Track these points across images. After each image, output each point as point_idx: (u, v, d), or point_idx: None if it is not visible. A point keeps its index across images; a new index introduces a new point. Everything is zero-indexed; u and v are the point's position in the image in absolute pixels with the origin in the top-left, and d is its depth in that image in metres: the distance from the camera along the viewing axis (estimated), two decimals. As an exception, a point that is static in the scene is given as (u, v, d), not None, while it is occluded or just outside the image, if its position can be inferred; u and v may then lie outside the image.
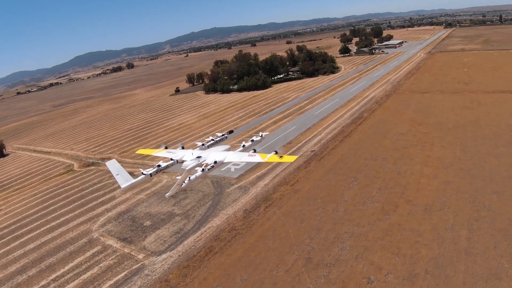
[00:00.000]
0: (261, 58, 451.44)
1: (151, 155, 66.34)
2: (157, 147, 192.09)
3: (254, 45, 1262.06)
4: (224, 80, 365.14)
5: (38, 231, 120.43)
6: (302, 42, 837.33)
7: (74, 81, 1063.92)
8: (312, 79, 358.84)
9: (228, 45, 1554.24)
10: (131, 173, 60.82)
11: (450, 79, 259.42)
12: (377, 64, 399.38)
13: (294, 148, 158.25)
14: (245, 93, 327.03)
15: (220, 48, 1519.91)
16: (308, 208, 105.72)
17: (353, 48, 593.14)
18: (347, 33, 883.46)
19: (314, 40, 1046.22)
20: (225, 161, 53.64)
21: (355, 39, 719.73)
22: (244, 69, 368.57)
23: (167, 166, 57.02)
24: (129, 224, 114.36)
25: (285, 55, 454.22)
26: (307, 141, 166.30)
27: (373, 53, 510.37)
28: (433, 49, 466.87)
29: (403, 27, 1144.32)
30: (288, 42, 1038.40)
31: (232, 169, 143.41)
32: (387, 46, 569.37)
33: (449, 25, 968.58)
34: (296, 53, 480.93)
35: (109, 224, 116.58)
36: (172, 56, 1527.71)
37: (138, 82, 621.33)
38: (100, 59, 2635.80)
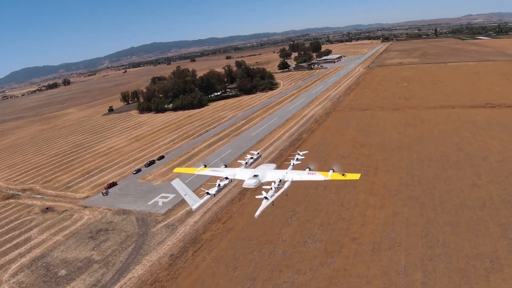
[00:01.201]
0: (200, 74, 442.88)
1: (193, 174, 62.91)
2: (83, 175, 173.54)
3: (194, 60, 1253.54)
4: (159, 99, 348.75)
5: None
6: (242, 57, 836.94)
7: (8, 98, 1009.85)
8: (250, 96, 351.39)
9: (168, 61, 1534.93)
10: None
11: (390, 95, 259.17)
12: (316, 79, 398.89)
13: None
14: (180, 113, 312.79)
15: (159, 63, 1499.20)
16: (242, 252, 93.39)
17: (292, 63, 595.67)
18: (287, 48, 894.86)
19: (253, 55, 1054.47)
20: (285, 179, 52.04)
21: (294, 54, 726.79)
22: (180, 87, 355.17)
23: (225, 185, 54.94)
24: (42, 273, 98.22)
25: (223, 71, 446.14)
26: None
27: (312, 68, 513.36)
28: (371, 63, 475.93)
29: (342, 41, 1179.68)
30: (227, 57, 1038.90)
31: (160, 203, 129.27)
32: (326, 61, 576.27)
33: (386, 39, 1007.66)
34: (235, 69, 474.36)
35: (21, 273, 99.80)
36: (111, 72, 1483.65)
37: (72, 100, 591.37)
38: (37, 74, 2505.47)
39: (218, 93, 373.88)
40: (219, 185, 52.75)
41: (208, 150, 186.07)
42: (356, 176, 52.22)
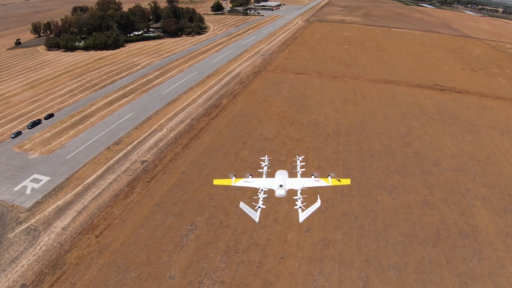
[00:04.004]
0: (127, 7, 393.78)
1: (230, 185, 64.61)
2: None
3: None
4: (69, 35, 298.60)
5: None
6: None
7: None
8: (173, 40, 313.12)
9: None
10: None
11: (329, 57, 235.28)
12: (250, 28, 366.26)
13: (121, 153, 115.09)
14: (91, 53, 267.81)
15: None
16: (113, 292, 66.12)
17: (228, 5, 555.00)
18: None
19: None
20: (302, 187, 62.95)
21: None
22: (96, 23, 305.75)
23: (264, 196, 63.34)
24: None
25: (149, 7, 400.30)
26: (141, 141, 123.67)
27: (247, 14, 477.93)
28: (311, 16, 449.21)
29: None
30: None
31: (29, 190, 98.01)
32: (264, 8, 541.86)
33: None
34: (164, 5, 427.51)
35: None
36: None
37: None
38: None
39: (139, 32, 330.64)
40: (262, 199, 60.09)
41: (107, 110, 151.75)
42: (347, 181, 65.35)
